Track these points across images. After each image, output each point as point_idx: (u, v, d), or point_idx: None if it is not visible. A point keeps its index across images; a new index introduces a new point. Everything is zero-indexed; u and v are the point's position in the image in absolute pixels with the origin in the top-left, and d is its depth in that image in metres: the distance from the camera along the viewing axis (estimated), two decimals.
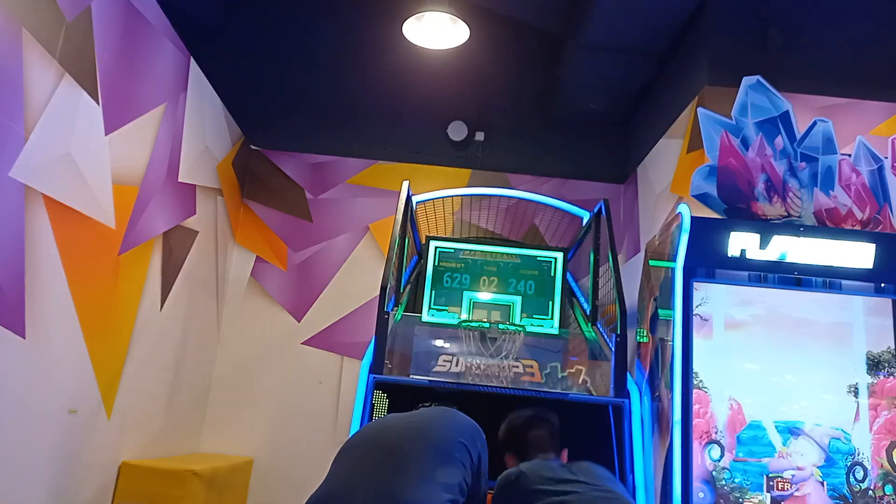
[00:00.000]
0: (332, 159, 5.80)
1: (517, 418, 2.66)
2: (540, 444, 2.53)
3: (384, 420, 2.40)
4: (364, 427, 2.39)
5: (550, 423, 2.61)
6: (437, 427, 2.26)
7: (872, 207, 3.37)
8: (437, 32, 5.01)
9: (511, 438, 2.60)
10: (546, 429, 2.58)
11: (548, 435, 2.57)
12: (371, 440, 2.20)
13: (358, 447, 2.20)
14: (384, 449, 2.12)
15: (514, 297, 4.44)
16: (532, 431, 2.56)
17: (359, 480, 2.02)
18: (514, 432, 2.60)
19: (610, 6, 4.48)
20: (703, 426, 2.96)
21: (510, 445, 2.59)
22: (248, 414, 5.23)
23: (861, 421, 3.01)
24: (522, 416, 2.67)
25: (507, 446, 2.60)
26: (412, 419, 2.32)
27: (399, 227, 3.95)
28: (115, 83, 3.48)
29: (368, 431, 2.30)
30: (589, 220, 4.67)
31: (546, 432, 2.57)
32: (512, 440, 2.59)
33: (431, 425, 2.26)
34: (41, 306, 3.02)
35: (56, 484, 3.27)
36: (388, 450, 2.11)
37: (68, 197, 3.17)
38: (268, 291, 5.51)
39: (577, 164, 5.86)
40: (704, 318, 3.11)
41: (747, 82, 3.44)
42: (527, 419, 2.62)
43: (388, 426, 2.28)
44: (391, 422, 2.33)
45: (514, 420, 2.65)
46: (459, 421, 2.36)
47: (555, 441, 2.57)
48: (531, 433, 2.55)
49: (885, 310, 3.15)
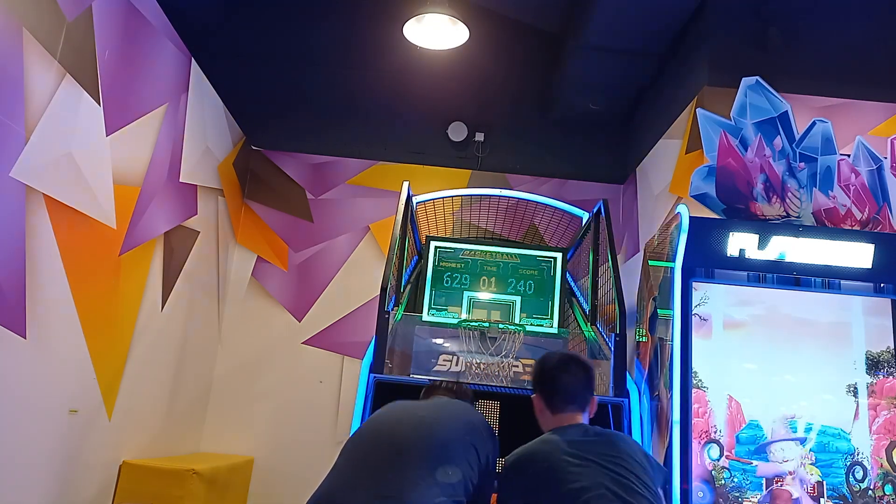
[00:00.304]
0: (332, 160, 5.81)
1: (552, 358, 2.50)
2: (569, 393, 2.34)
3: (396, 411, 2.34)
4: (377, 414, 2.35)
5: (585, 370, 2.42)
6: (447, 426, 2.23)
7: (871, 207, 3.37)
8: (438, 33, 5.03)
9: (541, 379, 2.42)
10: (580, 375, 2.38)
11: (580, 383, 2.37)
12: (380, 436, 2.18)
13: (365, 442, 2.18)
14: (391, 446, 2.11)
15: (513, 296, 4.45)
16: (565, 376, 2.37)
17: (361, 479, 2.02)
18: (545, 374, 2.42)
19: (610, 6, 4.49)
20: (702, 426, 2.97)
21: (539, 386, 2.42)
22: (249, 413, 5.24)
23: (860, 421, 3.01)
24: (557, 357, 2.51)
25: (536, 386, 2.43)
26: (424, 413, 2.29)
27: (399, 227, 3.96)
28: (116, 83, 3.48)
29: (379, 423, 2.27)
30: (588, 221, 4.68)
31: (579, 380, 2.37)
32: (542, 381, 2.42)
33: (442, 423, 2.23)
34: (42, 306, 3.02)
35: (57, 483, 3.28)
36: (395, 448, 2.10)
37: (69, 197, 3.18)
38: (269, 291, 5.51)
39: (577, 164, 5.86)
40: (703, 318, 3.11)
41: (746, 83, 3.45)
42: (562, 361, 2.44)
43: (399, 420, 2.25)
44: (402, 414, 2.29)
45: (549, 360, 2.48)
46: (471, 419, 2.32)
47: (587, 391, 2.39)
48: (564, 377, 2.37)
49: (885, 310, 3.15)
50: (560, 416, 2.31)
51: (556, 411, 2.32)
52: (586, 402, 2.36)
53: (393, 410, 2.35)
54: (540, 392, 2.39)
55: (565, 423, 2.29)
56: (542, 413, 2.37)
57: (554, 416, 2.33)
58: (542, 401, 2.37)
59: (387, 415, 2.32)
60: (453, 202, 5.22)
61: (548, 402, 2.35)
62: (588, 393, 2.38)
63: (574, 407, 2.32)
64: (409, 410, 2.32)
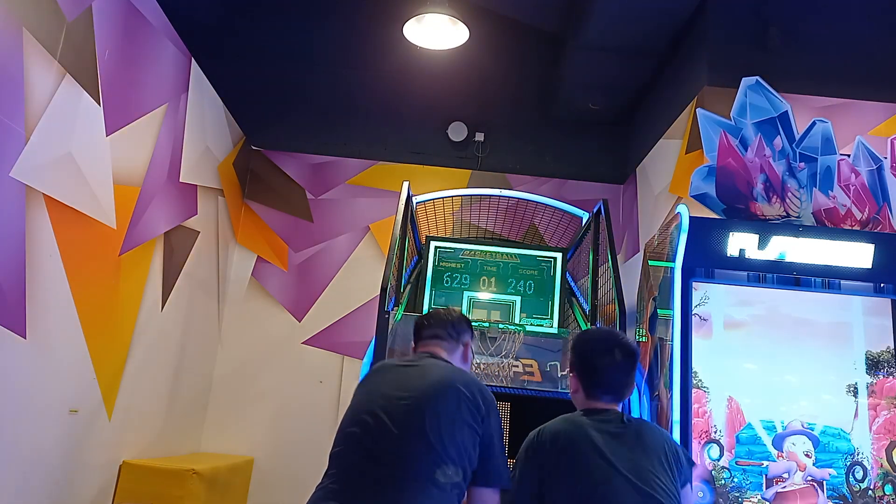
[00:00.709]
0: (332, 160, 5.81)
1: (595, 337, 2.31)
2: (609, 385, 2.15)
3: (382, 392, 2.11)
4: (364, 394, 2.16)
5: (631, 355, 2.18)
6: (439, 411, 2.02)
7: (871, 207, 3.37)
8: (438, 33, 5.03)
9: (581, 362, 2.22)
10: (624, 363, 2.16)
11: (623, 373, 2.16)
12: (370, 434, 2.02)
13: (357, 445, 2.03)
14: (384, 452, 1.98)
15: (513, 296, 4.45)
16: (608, 361, 2.15)
17: (358, 495, 1.93)
18: (585, 357, 2.22)
19: (610, 6, 4.49)
20: (702, 426, 2.97)
21: (578, 367, 2.22)
22: (249, 413, 5.24)
23: (860, 421, 3.01)
24: (601, 336, 2.29)
25: (575, 366, 2.23)
26: (410, 402, 2.05)
27: (399, 228, 3.96)
28: (116, 84, 3.48)
29: (367, 410, 2.07)
30: (588, 221, 4.68)
31: (622, 369, 2.15)
32: (581, 364, 2.21)
33: (433, 406, 2.03)
34: (42, 306, 3.02)
35: (57, 483, 3.28)
36: (388, 455, 1.97)
37: (69, 197, 3.18)
38: (269, 291, 5.52)
39: (577, 164, 5.87)
40: (703, 318, 3.11)
41: (746, 83, 3.45)
42: (606, 344, 2.20)
43: (385, 409, 2.04)
44: (388, 406, 2.06)
45: (591, 340, 2.29)
46: (460, 393, 2.07)
47: (628, 380, 2.17)
48: (606, 365, 2.15)
49: (885, 310, 3.15)
50: (594, 402, 2.16)
51: (591, 398, 2.17)
52: (625, 393, 2.19)
53: (380, 390, 2.14)
54: (578, 374, 2.22)
55: (597, 407, 2.14)
56: (576, 393, 2.23)
57: (588, 400, 2.18)
58: (579, 382, 2.21)
59: (377, 398, 2.10)
60: (453, 202, 5.22)
61: (584, 386, 2.19)
62: (630, 382, 2.19)
63: (610, 398, 2.16)
64: (393, 403, 2.08)
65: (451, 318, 2.39)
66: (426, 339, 2.35)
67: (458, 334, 2.36)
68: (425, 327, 2.37)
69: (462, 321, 2.40)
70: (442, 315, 2.40)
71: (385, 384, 2.17)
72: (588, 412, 2.14)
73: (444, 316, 2.39)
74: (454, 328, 2.36)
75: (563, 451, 2.03)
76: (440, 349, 2.31)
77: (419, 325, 2.40)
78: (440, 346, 2.32)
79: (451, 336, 2.34)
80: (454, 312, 2.43)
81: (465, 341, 2.38)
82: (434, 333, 2.34)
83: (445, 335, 2.34)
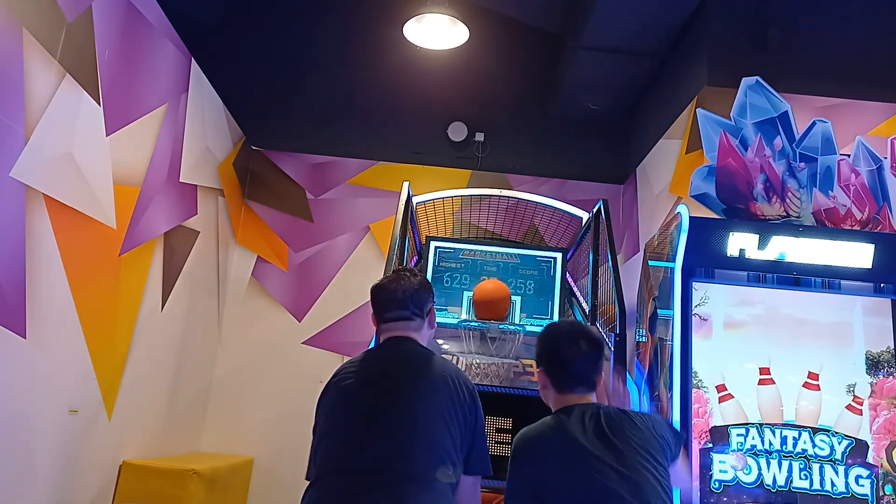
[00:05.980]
0: (332, 160, 5.81)
1: (558, 329, 2.27)
2: (578, 374, 2.14)
3: (366, 400, 2.08)
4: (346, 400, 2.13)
5: (596, 345, 2.17)
6: (423, 415, 2.00)
7: (871, 207, 3.37)
8: (438, 33, 5.03)
9: (547, 355, 2.19)
10: (590, 352, 2.15)
11: (590, 361, 2.15)
12: (355, 456, 2.00)
13: (343, 464, 2.02)
14: (373, 467, 1.95)
15: (513, 296, 4.45)
16: (574, 351, 2.14)
17: (358, 497, 1.93)
18: (551, 349, 2.19)
19: (610, 6, 4.49)
20: (702, 426, 2.97)
21: (544, 361, 2.19)
22: (249, 413, 5.24)
23: (861, 420, 3.01)
24: (564, 328, 2.28)
25: (541, 360, 2.20)
26: (393, 403, 2.04)
27: (399, 228, 3.96)
28: (116, 83, 3.48)
29: (349, 435, 2.06)
30: (588, 221, 4.67)
31: (589, 357, 2.14)
32: (547, 356, 2.19)
33: (418, 411, 2.01)
34: (42, 306, 3.02)
35: (56, 484, 3.28)
36: (388, 457, 1.96)
37: (69, 197, 3.18)
38: (269, 291, 5.52)
39: (577, 164, 5.87)
40: (703, 318, 3.11)
41: (746, 83, 3.44)
42: (570, 334, 2.18)
43: (377, 410, 2.03)
44: (367, 410, 2.05)
45: (555, 332, 2.25)
46: (440, 387, 2.06)
47: (597, 368, 2.16)
48: (572, 355, 2.14)
49: (885, 310, 3.15)
50: (568, 396, 2.14)
51: (563, 391, 2.15)
52: (595, 381, 2.16)
53: (355, 403, 2.11)
54: (544, 368, 2.19)
55: (573, 402, 2.11)
56: (545, 389, 2.19)
57: (561, 395, 2.15)
58: (547, 377, 2.17)
59: (360, 407, 2.08)
60: (453, 202, 5.21)
61: (553, 380, 2.16)
62: (598, 371, 2.17)
63: (583, 389, 2.14)
64: (375, 397, 2.06)
65: (411, 290, 2.23)
66: (391, 321, 2.23)
67: (421, 308, 2.25)
68: (387, 308, 2.23)
69: (422, 290, 2.26)
70: (400, 291, 2.23)
71: (368, 386, 2.13)
72: (566, 410, 2.10)
73: (405, 290, 2.23)
74: (416, 304, 2.23)
75: (548, 457, 2.00)
76: (409, 331, 2.22)
77: (379, 301, 2.25)
78: (409, 327, 2.23)
79: (416, 314, 2.24)
80: (412, 281, 2.26)
81: (429, 308, 2.29)
82: (398, 315, 2.23)
83: (410, 315, 2.23)
